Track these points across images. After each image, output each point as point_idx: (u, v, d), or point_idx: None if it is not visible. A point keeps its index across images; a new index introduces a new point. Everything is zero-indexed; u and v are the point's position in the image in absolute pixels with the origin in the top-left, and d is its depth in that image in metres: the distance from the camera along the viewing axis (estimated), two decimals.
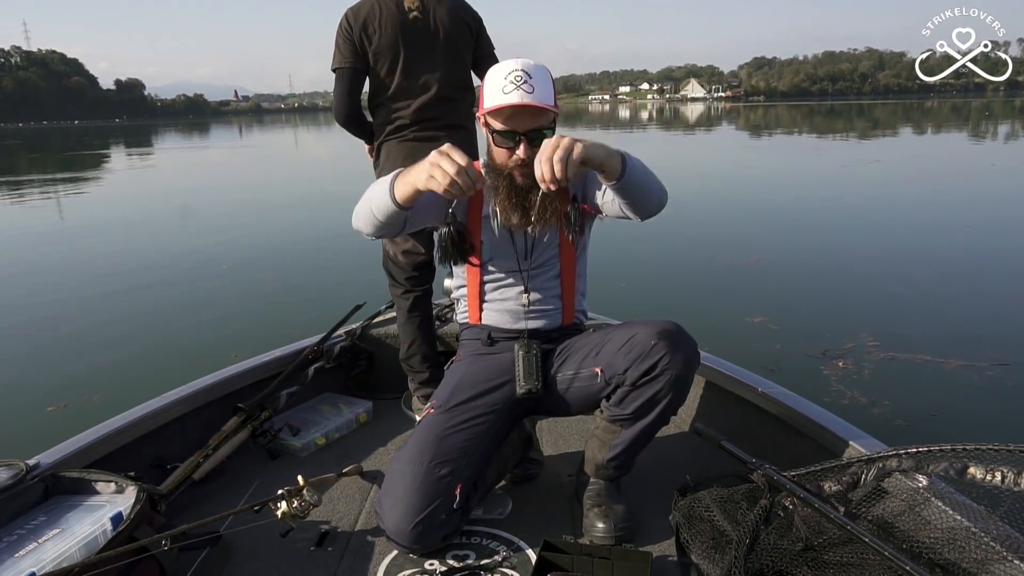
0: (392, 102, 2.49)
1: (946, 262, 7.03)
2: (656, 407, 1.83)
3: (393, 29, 2.42)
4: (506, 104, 1.76)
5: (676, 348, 1.77)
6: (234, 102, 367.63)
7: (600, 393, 1.93)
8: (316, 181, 17.78)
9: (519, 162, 1.82)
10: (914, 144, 25.55)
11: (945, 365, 4.28)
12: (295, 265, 7.77)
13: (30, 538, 1.64)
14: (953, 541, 1.47)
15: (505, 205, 1.89)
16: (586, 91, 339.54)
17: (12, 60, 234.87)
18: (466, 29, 2.54)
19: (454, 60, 2.51)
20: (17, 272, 7.97)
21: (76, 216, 13.01)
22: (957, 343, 4.63)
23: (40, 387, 4.49)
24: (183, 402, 2.30)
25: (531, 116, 1.79)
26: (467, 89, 2.58)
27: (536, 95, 1.76)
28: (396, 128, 2.51)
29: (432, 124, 2.50)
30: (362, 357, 2.89)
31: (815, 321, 5.25)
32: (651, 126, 48.78)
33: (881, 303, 5.75)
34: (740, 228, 9.21)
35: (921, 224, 9.07)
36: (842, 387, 3.97)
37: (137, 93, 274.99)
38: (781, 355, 4.49)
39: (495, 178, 1.89)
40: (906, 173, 15.17)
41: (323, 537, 1.93)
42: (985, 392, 3.94)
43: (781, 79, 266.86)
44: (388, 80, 2.47)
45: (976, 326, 5.08)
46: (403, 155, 2.47)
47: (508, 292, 2.07)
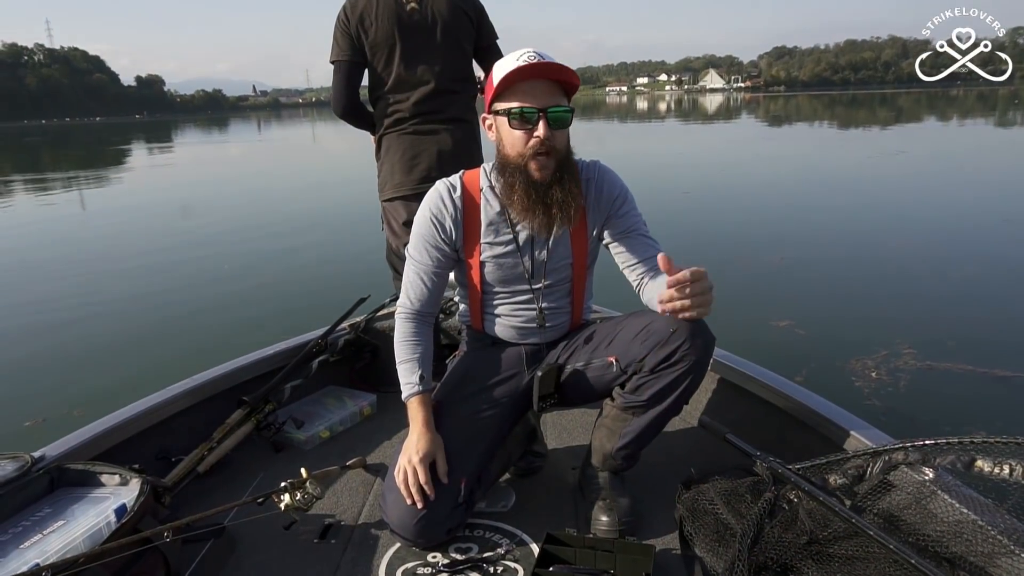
0: (391, 95, 2.49)
1: (983, 259, 6.66)
2: (673, 393, 1.79)
3: (389, 21, 2.41)
4: (521, 66, 1.68)
5: (696, 334, 1.74)
6: (252, 97, 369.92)
7: (614, 382, 1.90)
8: (326, 174, 17.91)
9: (538, 144, 1.72)
10: (941, 134, 24.95)
11: (989, 375, 3.96)
12: (300, 258, 7.76)
13: (35, 529, 1.65)
14: (960, 534, 1.44)
15: (524, 205, 1.78)
16: (604, 83, 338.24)
17: (35, 58, 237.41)
18: (466, 19, 2.51)
19: (453, 51, 2.49)
20: (28, 265, 8.09)
21: (96, 209, 13.20)
22: (1001, 350, 4.32)
23: (43, 380, 4.54)
24: (188, 395, 2.31)
25: (548, 92, 1.72)
26: (468, 81, 2.56)
27: (550, 62, 1.71)
28: (395, 121, 2.50)
29: (432, 117, 2.49)
30: (366, 350, 2.89)
31: (844, 326, 4.94)
32: (669, 117, 48.52)
33: (915, 306, 5.39)
34: (761, 224, 8.86)
35: (953, 218, 8.71)
36: (876, 401, 3.70)
37: (157, 89, 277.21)
38: (808, 363, 4.17)
39: (508, 176, 1.80)
40: (934, 165, 14.73)
41: (326, 530, 1.93)
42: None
43: (802, 69, 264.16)
44: (386, 73, 2.47)
45: (1020, 330, 4.78)
46: (403, 147, 2.47)
47: (515, 311, 2.01)
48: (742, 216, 9.42)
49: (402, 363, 1.93)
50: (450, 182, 1.93)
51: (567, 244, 1.92)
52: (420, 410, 1.88)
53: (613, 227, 1.92)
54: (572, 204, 1.78)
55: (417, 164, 2.50)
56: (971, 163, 14.70)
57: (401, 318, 1.97)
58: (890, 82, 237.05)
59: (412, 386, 1.90)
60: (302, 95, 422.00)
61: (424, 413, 1.88)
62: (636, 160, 16.46)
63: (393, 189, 2.55)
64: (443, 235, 1.91)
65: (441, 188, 1.92)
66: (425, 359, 1.94)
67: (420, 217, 1.94)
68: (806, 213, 9.60)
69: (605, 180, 1.92)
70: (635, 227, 1.91)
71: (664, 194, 10.85)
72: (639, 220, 1.93)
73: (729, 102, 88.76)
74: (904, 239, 7.60)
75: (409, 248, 1.96)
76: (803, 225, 8.78)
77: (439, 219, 1.90)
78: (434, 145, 2.49)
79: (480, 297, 2.01)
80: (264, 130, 60.48)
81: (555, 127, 1.73)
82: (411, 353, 1.93)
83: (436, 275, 1.95)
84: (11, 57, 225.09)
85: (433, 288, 1.96)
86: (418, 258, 1.95)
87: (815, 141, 23.51)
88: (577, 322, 2.08)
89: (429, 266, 1.94)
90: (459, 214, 1.90)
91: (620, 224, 1.91)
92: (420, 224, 1.93)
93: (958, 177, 12.46)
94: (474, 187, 1.92)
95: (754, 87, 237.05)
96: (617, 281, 2.01)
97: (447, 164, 2.47)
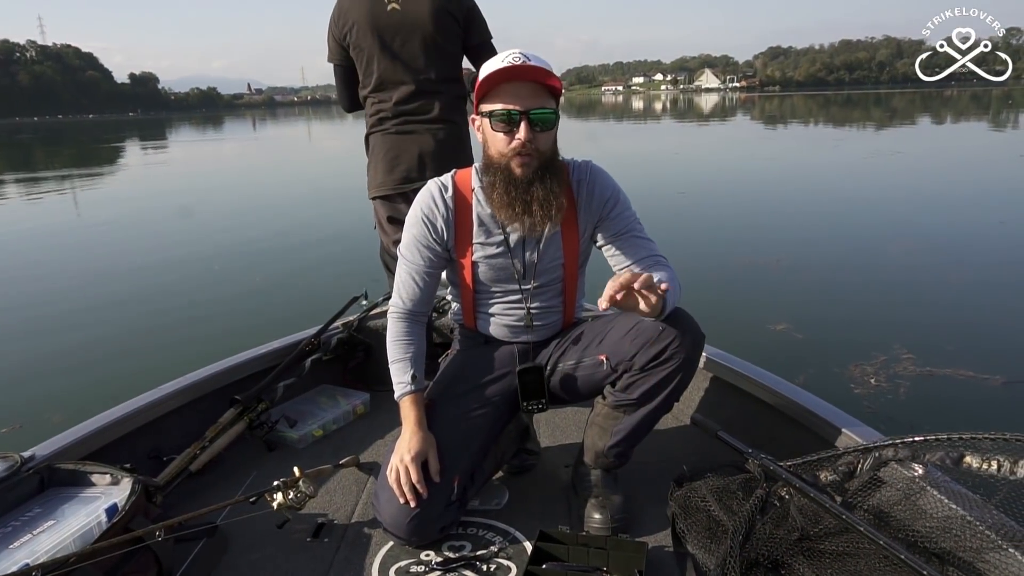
0: (374, 95, 2.50)
1: (980, 261, 6.61)
2: (663, 391, 1.80)
3: (368, 22, 2.41)
4: (503, 67, 1.68)
5: (685, 331, 1.75)
6: (247, 95, 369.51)
7: (604, 380, 1.91)
8: (319, 173, 17.88)
9: (519, 147, 1.71)
10: (936, 134, 24.98)
11: (990, 382, 3.86)
12: (292, 257, 7.76)
13: (25, 530, 1.64)
14: (949, 530, 1.46)
15: (504, 202, 1.77)
16: (599, 82, 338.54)
17: (28, 55, 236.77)
18: (450, 19, 2.48)
19: (436, 52, 2.47)
20: (18, 264, 8.08)
21: (86, 211, 13.11)
22: (1003, 355, 4.22)
23: (33, 379, 4.55)
24: (180, 394, 2.30)
25: (532, 94, 1.70)
26: (453, 81, 2.55)
27: (534, 64, 1.70)
28: (379, 120, 2.51)
29: (413, 118, 2.48)
30: (359, 349, 2.89)
31: (841, 329, 4.87)
32: (665, 117, 48.53)
33: (913, 309, 5.29)
34: (756, 225, 8.79)
35: (949, 219, 8.68)
36: (875, 407, 3.64)
37: (151, 87, 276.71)
38: (806, 368, 4.11)
39: (491, 175, 1.79)
40: (930, 165, 14.69)
41: (319, 528, 1.93)
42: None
43: (797, 69, 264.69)
44: (368, 73, 2.48)
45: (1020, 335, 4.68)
46: (386, 147, 2.47)
47: (507, 310, 2.00)
48: (738, 217, 9.38)
49: (394, 362, 1.94)
50: (441, 182, 1.91)
51: (558, 245, 1.91)
52: (412, 409, 1.88)
53: (605, 229, 1.91)
54: (553, 203, 1.76)
55: (398, 164, 2.50)
56: (967, 164, 14.68)
57: (393, 318, 1.98)
58: (885, 82, 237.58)
59: (404, 385, 1.91)
60: (297, 93, 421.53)
61: (416, 412, 1.88)
62: (631, 160, 16.41)
63: (376, 188, 2.56)
64: (435, 235, 1.90)
65: (433, 188, 1.91)
66: (417, 358, 1.95)
67: (412, 217, 1.93)
68: (802, 214, 9.59)
69: (597, 181, 1.91)
70: (628, 229, 1.90)
71: (659, 194, 10.80)
72: (632, 221, 1.91)
73: (725, 102, 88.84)
74: (900, 239, 7.57)
75: (401, 248, 1.96)
76: (799, 226, 8.74)
77: (431, 219, 1.90)
78: (415, 146, 2.49)
79: (472, 296, 2.00)
80: (259, 128, 60.35)
81: (538, 129, 1.72)
82: (403, 352, 1.94)
83: (428, 275, 1.95)
84: (3, 54, 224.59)
85: (425, 288, 1.96)
86: (410, 258, 1.94)
87: (811, 141, 23.53)
88: (569, 321, 2.07)
89: (421, 266, 1.93)
90: (451, 214, 1.89)
91: (612, 226, 1.90)
92: (412, 224, 1.92)
93: (955, 178, 12.45)
94: (466, 187, 1.91)
95: (749, 87, 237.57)
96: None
97: (429, 165, 2.47)
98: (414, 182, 2.43)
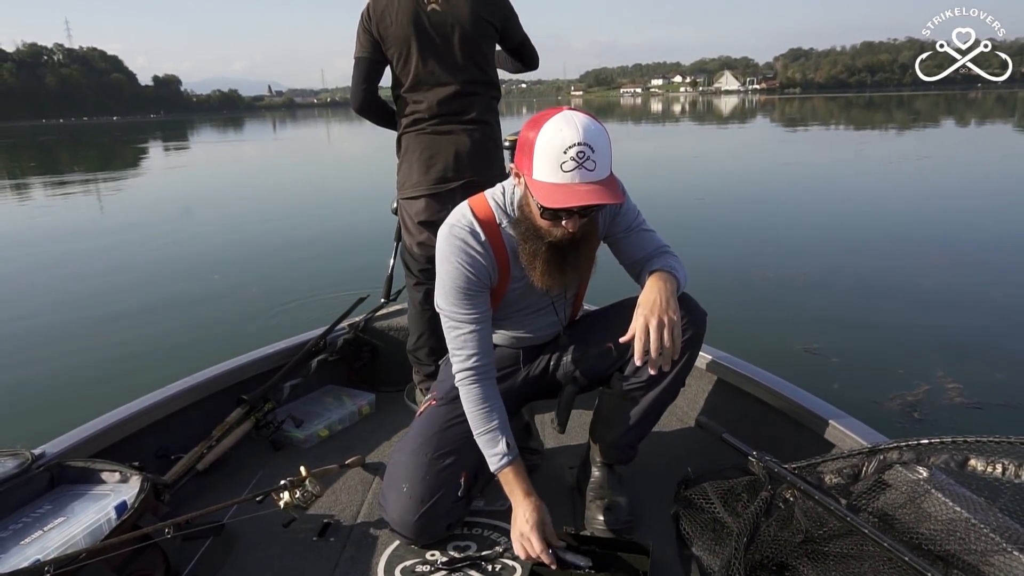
0: (409, 94, 2.48)
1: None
2: (671, 370, 1.80)
3: (408, 21, 2.40)
4: (565, 187, 1.54)
5: (688, 310, 1.77)
6: (268, 97, 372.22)
7: (611, 368, 1.92)
8: (334, 172, 17.98)
9: (564, 235, 1.64)
10: (963, 137, 24.10)
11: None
12: (299, 258, 7.74)
13: (36, 526, 1.67)
14: (953, 533, 1.45)
15: (544, 270, 1.71)
16: (618, 84, 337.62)
17: (55, 57, 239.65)
18: (489, 27, 2.48)
19: (474, 55, 2.46)
20: (31, 265, 8.12)
21: (103, 212, 13.19)
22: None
23: (44, 378, 4.58)
24: (187, 393, 2.32)
25: (589, 193, 1.56)
26: (489, 84, 2.54)
27: (597, 172, 1.54)
28: (414, 121, 2.50)
29: (450, 118, 2.47)
30: (365, 349, 2.91)
31: (878, 353, 4.38)
32: (684, 119, 48.29)
33: (956, 332, 4.72)
34: (780, 235, 8.20)
35: (988, 231, 7.93)
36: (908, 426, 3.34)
37: (173, 89, 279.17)
38: (842, 397, 3.32)
39: (533, 241, 1.70)
40: (960, 171, 13.98)
41: (325, 528, 1.94)
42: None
43: (818, 70, 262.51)
44: (404, 72, 2.46)
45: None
46: (421, 147, 2.47)
47: (523, 322, 2.00)
48: (759, 225, 8.82)
49: (481, 434, 1.80)
50: (467, 227, 1.79)
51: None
52: (516, 480, 1.78)
53: (613, 228, 1.91)
54: (584, 265, 1.78)
55: (434, 164, 2.49)
56: (999, 170, 13.83)
57: (465, 384, 1.82)
58: (907, 84, 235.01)
59: (500, 457, 1.78)
60: (317, 95, 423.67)
61: (521, 483, 1.77)
62: (648, 164, 16.24)
63: (411, 188, 2.55)
64: (485, 281, 1.81)
65: (463, 235, 1.78)
66: (504, 425, 1.81)
67: (452, 271, 1.79)
68: (826, 223, 8.97)
69: None
70: (632, 225, 1.89)
71: (677, 201, 10.50)
72: (636, 217, 1.91)
73: (744, 104, 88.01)
74: (934, 251, 7.11)
75: (446, 307, 1.83)
76: (824, 235, 8.13)
77: (475, 269, 1.78)
78: (452, 145, 2.49)
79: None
80: (279, 130, 60.70)
81: (587, 216, 1.66)
82: (488, 422, 1.80)
83: (487, 323, 1.85)
84: (31, 57, 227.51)
85: (488, 338, 1.84)
86: (465, 313, 1.81)
87: (833, 145, 22.77)
88: (574, 318, 2.11)
89: (478, 317, 1.81)
90: (490, 255, 1.80)
91: (619, 225, 1.90)
92: (455, 279, 1.78)
93: (986, 185, 11.68)
94: (490, 223, 1.81)
95: (769, 89, 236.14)
96: (614, 280, 2.00)
97: (464, 165, 2.46)
98: (449, 182, 2.42)
